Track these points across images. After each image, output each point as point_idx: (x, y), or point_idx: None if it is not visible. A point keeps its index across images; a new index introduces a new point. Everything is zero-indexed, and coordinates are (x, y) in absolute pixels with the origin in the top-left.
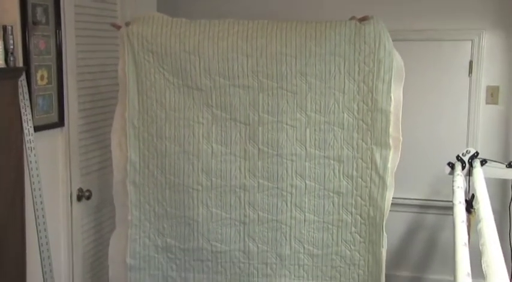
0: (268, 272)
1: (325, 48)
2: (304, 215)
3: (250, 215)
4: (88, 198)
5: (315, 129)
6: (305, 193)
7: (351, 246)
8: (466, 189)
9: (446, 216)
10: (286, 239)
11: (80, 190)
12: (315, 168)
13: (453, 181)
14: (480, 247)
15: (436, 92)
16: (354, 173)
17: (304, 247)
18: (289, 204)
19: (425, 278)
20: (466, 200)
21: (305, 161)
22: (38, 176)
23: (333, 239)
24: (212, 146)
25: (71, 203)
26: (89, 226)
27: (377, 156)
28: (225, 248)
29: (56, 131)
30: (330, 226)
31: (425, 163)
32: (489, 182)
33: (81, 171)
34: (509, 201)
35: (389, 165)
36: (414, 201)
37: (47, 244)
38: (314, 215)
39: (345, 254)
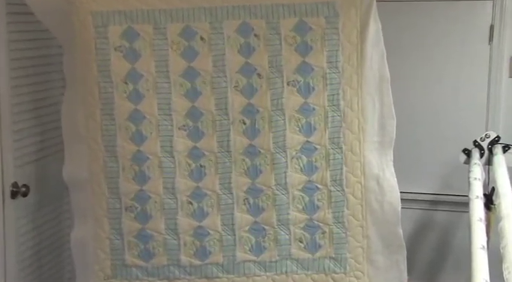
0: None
1: None
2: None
3: None
4: (25, 194)
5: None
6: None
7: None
8: (485, 181)
9: (460, 214)
10: None
11: (15, 185)
12: None
13: (469, 171)
14: (501, 250)
15: (449, 63)
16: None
17: None
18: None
19: None
20: (484, 194)
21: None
22: None
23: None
24: None
25: (3, 201)
26: (26, 228)
27: None
28: None
29: None
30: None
31: (436, 150)
32: None
33: (15, 162)
34: None
35: None
36: (422, 195)
37: None
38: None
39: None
